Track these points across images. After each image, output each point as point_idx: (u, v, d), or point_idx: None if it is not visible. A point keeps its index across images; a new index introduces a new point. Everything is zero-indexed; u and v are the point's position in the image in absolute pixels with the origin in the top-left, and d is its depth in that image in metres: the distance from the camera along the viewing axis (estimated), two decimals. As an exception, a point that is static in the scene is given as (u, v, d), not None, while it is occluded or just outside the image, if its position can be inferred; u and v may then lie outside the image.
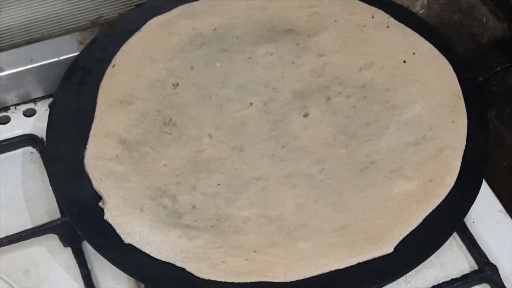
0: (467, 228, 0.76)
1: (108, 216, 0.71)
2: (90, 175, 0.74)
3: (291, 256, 0.69)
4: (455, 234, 0.75)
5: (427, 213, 0.71)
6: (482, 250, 0.74)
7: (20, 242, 0.74)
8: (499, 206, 0.79)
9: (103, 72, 0.83)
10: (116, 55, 0.85)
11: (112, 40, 0.86)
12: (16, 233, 0.73)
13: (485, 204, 0.78)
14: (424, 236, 0.71)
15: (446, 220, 0.72)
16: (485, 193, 0.79)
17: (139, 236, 0.70)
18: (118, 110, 0.80)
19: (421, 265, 0.70)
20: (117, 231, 0.70)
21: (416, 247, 0.70)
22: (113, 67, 0.84)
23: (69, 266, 0.74)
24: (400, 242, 0.70)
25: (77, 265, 0.73)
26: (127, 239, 0.70)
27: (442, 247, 0.71)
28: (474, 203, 0.73)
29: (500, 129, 0.85)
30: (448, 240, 0.72)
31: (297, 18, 0.89)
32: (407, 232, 0.70)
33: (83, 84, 0.83)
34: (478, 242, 0.75)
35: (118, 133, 0.78)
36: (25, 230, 0.74)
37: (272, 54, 0.85)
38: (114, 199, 0.72)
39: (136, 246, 0.70)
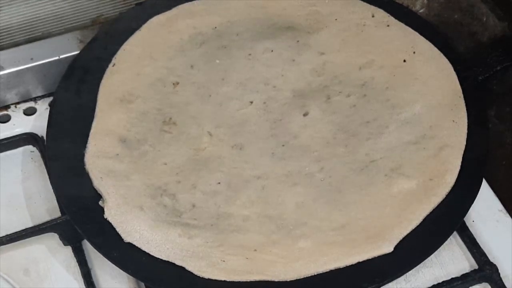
0: (467, 227, 0.76)
1: (108, 214, 0.71)
2: (90, 174, 0.74)
3: (291, 255, 0.69)
4: (455, 233, 0.75)
5: (427, 212, 0.71)
6: (482, 249, 0.74)
7: (20, 241, 0.74)
8: (499, 205, 0.78)
9: (103, 71, 0.83)
10: (117, 54, 0.85)
11: (112, 39, 0.86)
12: (16, 232, 0.73)
13: (485, 203, 0.78)
14: (424, 235, 0.71)
15: (446, 219, 0.72)
16: (485, 192, 0.79)
17: (139, 235, 0.70)
18: (118, 109, 0.80)
19: (420, 264, 0.70)
20: (117, 230, 0.70)
21: (416, 246, 0.70)
22: (113, 65, 0.84)
23: (69, 264, 0.74)
24: (400, 241, 0.70)
25: (77, 264, 0.73)
26: (127, 238, 0.70)
27: (442, 246, 0.71)
28: (474, 202, 0.73)
29: (500, 128, 0.84)
30: (448, 239, 0.72)
31: (297, 17, 0.89)
32: (407, 231, 0.70)
33: (83, 82, 0.83)
34: (478, 242, 0.74)
35: (118, 131, 0.78)
36: (25, 228, 0.74)
37: (272, 51, 0.85)
38: (114, 198, 0.72)
39: (136, 245, 0.70)
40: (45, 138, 0.80)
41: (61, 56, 0.87)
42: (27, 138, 0.83)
